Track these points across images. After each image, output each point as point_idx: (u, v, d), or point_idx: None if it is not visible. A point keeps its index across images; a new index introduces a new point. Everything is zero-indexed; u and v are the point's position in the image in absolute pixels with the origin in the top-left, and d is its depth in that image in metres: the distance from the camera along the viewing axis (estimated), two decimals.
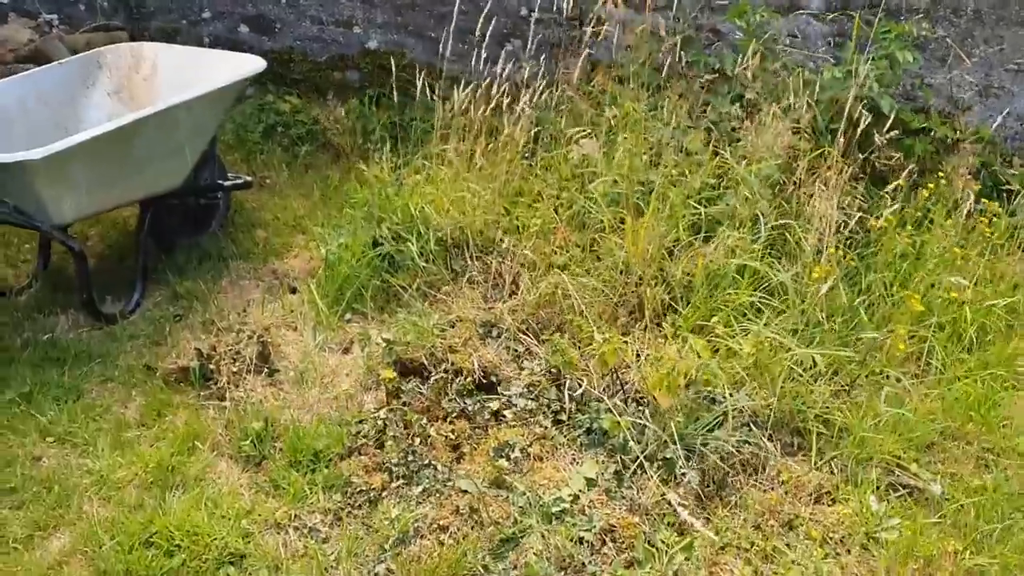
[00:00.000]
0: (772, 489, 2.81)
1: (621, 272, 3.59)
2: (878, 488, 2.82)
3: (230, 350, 3.48)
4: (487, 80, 4.31)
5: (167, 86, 4.28)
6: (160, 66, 4.35)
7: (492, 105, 4.23)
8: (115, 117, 4.24)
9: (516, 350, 3.50)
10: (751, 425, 2.92)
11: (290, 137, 5.45)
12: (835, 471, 2.88)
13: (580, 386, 3.06)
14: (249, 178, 4.52)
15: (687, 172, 3.86)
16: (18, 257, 4.30)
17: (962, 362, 3.31)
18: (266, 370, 3.47)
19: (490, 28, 4.43)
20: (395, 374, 3.19)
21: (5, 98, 3.90)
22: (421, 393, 3.21)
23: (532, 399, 3.10)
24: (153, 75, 4.33)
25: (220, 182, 4.34)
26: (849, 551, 2.60)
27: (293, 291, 4.10)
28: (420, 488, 2.74)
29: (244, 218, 4.70)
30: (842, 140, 3.58)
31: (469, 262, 3.94)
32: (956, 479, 2.87)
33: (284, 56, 5.75)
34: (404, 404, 3.14)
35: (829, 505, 2.77)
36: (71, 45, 5.68)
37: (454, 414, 3.09)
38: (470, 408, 3.10)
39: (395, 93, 4.92)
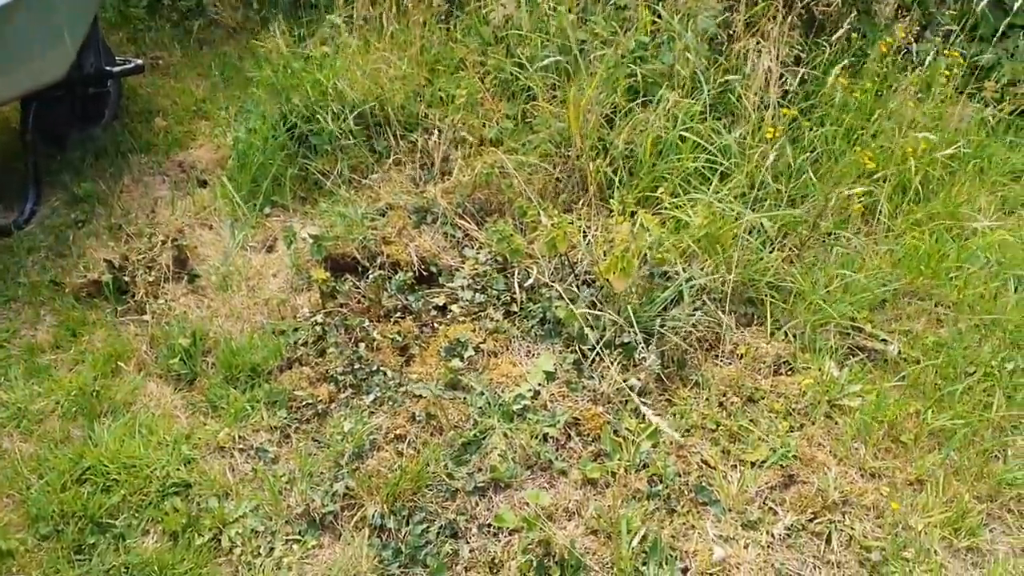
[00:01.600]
0: (731, 364, 2.72)
1: (559, 145, 3.36)
2: (836, 352, 2.76)
3: (143, 258, 3.17)
4: None
5: None
6: None
7: None
8: None
9: (455, 236, 3.28)
10: (704, 300, 2.79)
11: (179, 11, 4.94)
12: (791, 340, 2.80)
13: (529, 275, 2.87)
14: (140, 61, 4.06)
15: (618, 30, 3.58)
16: None
17: (908, 215, 3.23)
18: (185, 276, 3.18)
19: None
20: (327, 274, 2.95)
21: None
22: (358, 292, 2.99)
23: (479, 291, 2.91)
24: None
25: (108, 68, 3.89)
26: (813, 422, 2.55)
27: (203, 184, 3.76)
28: (371, 397, 2.56)
29: (139, 105, 4.26)
30: None
31: (393, 141, 3.65)
32: (912, 337, 2.82)
33: None
34: (341, 306, 2.92)
35: (789, 375, 2.70)
36: None
37: (397, 313, 2.89)
38: (413, 305, 2.90)
39: None
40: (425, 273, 3.10)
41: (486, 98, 3.63)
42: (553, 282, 2.86)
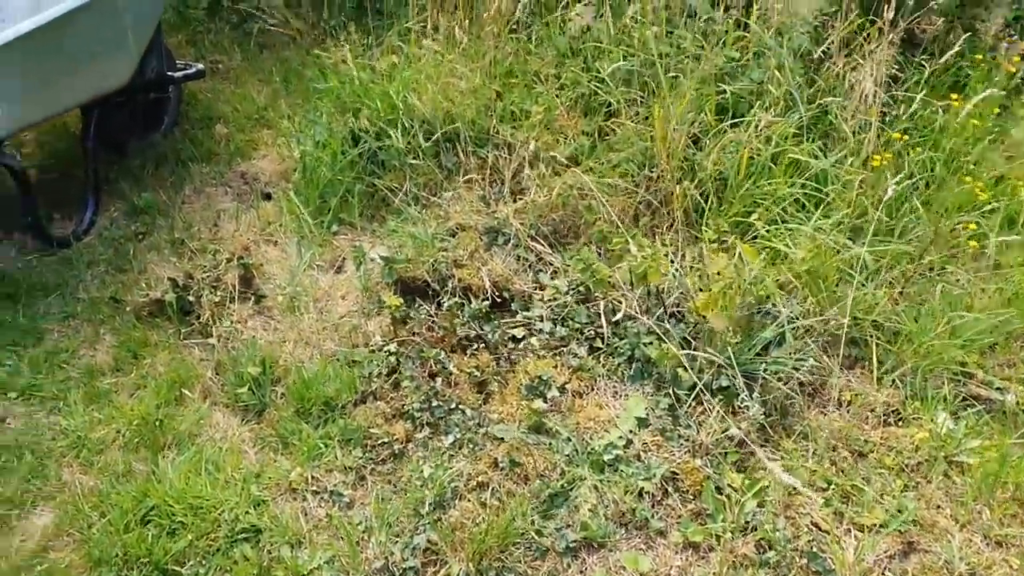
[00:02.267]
0: (837, 412, 2.50)
1: (642, 165, 3.15)
2: (948, 401, 2.53)
3: (208, 276, 3.01)
4: None
5: None
6: None
7: None
8: (43, 5, 3.59)
9: (528, 260, 3.09)
10: (807, 340, 2.58)
11: (239, 13, 4.78)
12: (900, 386, 2.57)
13: (617, 310, 2.66)
14: (200, 66, 3.92)
15: (704, 44, 3.37)
16: None
17: (1020, 249, 2.98)
18: (252, 297, 3.02)
19: None
20: (400, 300, 2.77)
21: None
22: (431, 319, 2.81)
23: (559, 323, 2.71)
24: None
25: (170, 73, 3.74)
26: (930, 480, 2.33)
27: (267, 197, 3.60)
28: (450, 439, 2.37)
29: (199, 112, 4.12)
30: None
31: (463, 157, 3.46)
32: None
33: None
34: (414, 334, 2.74)
35: (899, 427, 2.48)
36: None
37: (472, 343, 2.71)
38: (489, 335, 2.71)
39: None
40: (498, 299, 2.91)
41: (562, 113, 3.43)
42: (641, 315, 2.66)
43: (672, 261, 2.81)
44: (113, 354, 2.83)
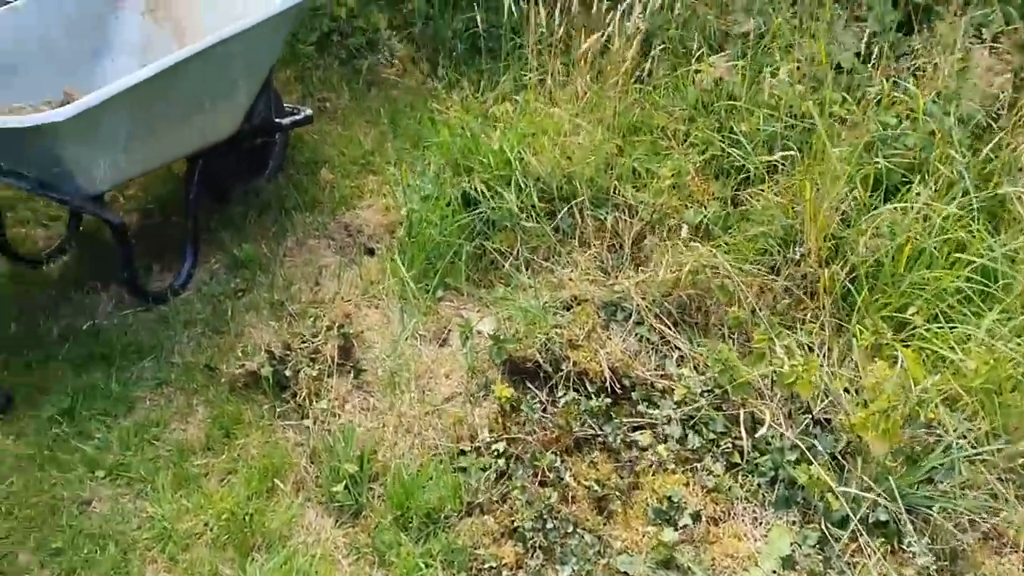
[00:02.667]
0: (1018, 558, 2.13)
1: (783, 242, 2.83)
2: None
3: (306, 347, 2.81)
4: None
5: (211, 5, 3.46)
6: None
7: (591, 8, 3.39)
8: (151, 43, 3.47)
9: (651, 341, 2.80)
10: (980, 468, 2.21)
11: (348, 48, 4.60)
12: None
13: (757, 418, 2.34)
14: (309, 111, 3.74)
15: (855, 107, 3.01)
16: (47, 212, 3.60)
17: None
18: (351, 369, 2.81)
19: None
20: (510, 391, 2.51)
21: (24, 29, 3.11)
22: (543, 411, 2.54)
23: (691, 427, 2.41)
24: None
25: (278, 120, 3.57)
26: None
27: (370, 253, 3.39)
28: (567, 571, 2.10)
29: (305, 155, 3.95)
30: None
31: (579, 219, 3.19)
32: None
33: None
34: (526, 430, 2.47)
35: None
36: None
37: (590, 444, 2.43)
38: (610, 437, 2.43)
39: None
40: (619, 388, 2.63)
41: (692, 176, 3.13)
42: (784, 425, 2.33)
43: (821, 364, 2.47)
44: (205, 430, 2.65)
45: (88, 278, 3.22)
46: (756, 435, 2.29)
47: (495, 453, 2.38)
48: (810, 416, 2.36)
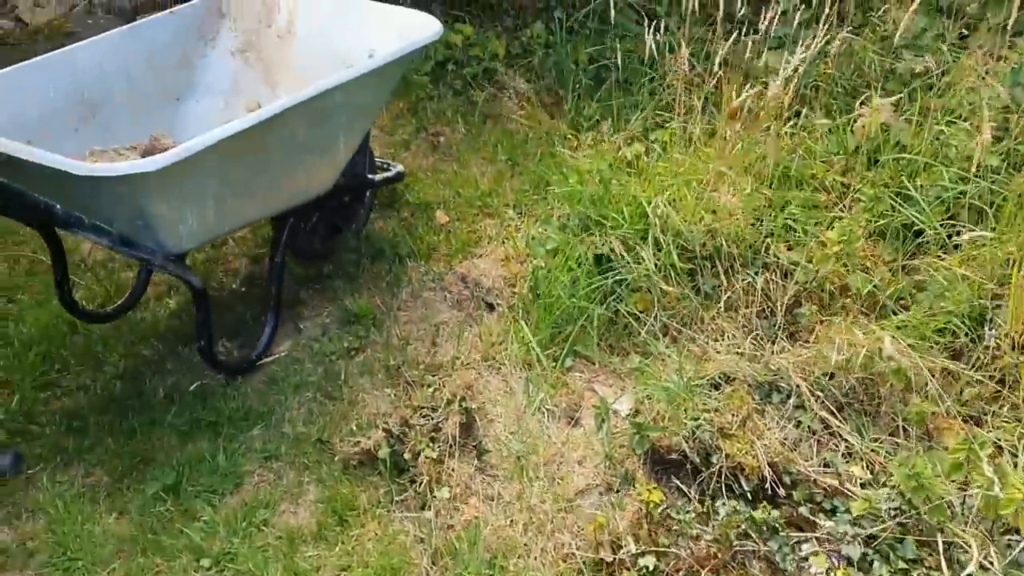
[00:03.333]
0: None
1: (967, 322, 2.44)
2: None
3: (426, 424, 2.55)
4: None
5: (307, 48, 3.23)
6: (298, 19, 3.28)
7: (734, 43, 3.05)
8: (240, 85, 3.25)
9: (811, 427, 2.45)
10: None
11: (463, 78, 4.36)
12: None
13: (957, 545, 1.97)
14: (401, 168, 3.45)
15: None
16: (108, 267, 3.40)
17: None
18: (473, 449, 2.54)
19: None
20: (660, 495, 2.20)
21: (108, 64, 2.92)
22: (696, 519, 2.22)
23: (876, 553, 2.04)
24: (289, 31, 3.27)
25: (370, 176, 3.31)
26: None
27: (490, 308, 3.12)
28: None
29: (419, 194, 3.70)
30: None
31: (725, 280, 2.85)
32: None
33: None
34: (678, 542, 2.15)
35: None
36: None
37: (749, 561, 2.09)
38: (778, 556, 2.09)
39: (593, 18, 3.76)
40: (779, 488, 2.28)
41: (862, 245, 2.75)
42: (992, 558, 1.95)
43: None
44: (317, 516, 2.42)
45: (192, 328, 3.03)
46: (963, 574, 1.91)
47: (643, 571, 2.07)
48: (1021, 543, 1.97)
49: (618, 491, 2.35)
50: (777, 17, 2.97)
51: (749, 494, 2.27)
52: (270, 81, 3.28)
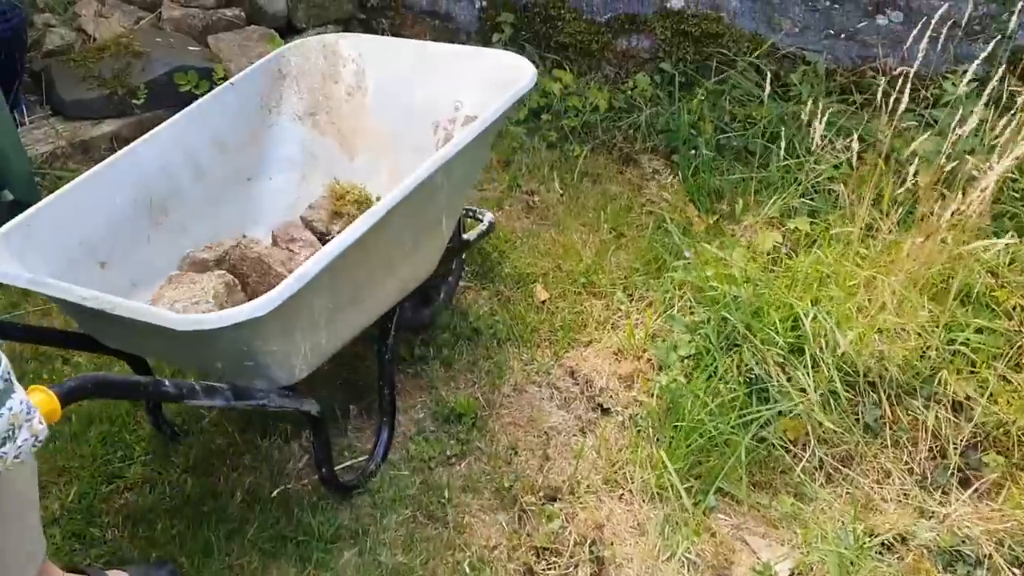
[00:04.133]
0: None
1: None
2: None
3: (552, 570, 2.17)
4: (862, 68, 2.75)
5: (383, 104, 2.83)
6: (368, 71, 2.89)
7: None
8: (315, 156, 2.87)
9: None
10: None
11: (560, 130, 3.99)
12: None
13: None
14: (491, 217, 3.08)
15: None
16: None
17: None
18: None
19: None
20: None
21: (173, 157, 2.53)
22: None
23: None
24: (359, 87, 2.89)
25: (465, 238, 2.94)
26: None
27: (604, 411, 2.74)
28: None
29: (515, 265, 3.33)
30: None
31: (888, 411, 2.48)
32: None
33: (551, 11, 4.21)
34: None
35: None
36: None
37: None
38: None
39: (708, 75, 3.40)
40: None
41: None
42: None
43: None
44: None
45: (273, 420, 2.66)
46: None
47: None
48: None
49: None
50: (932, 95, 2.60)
51: None
52: (347, 146, 2.90)
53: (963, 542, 2.18)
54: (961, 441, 2.40)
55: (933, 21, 2.73)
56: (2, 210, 2.39)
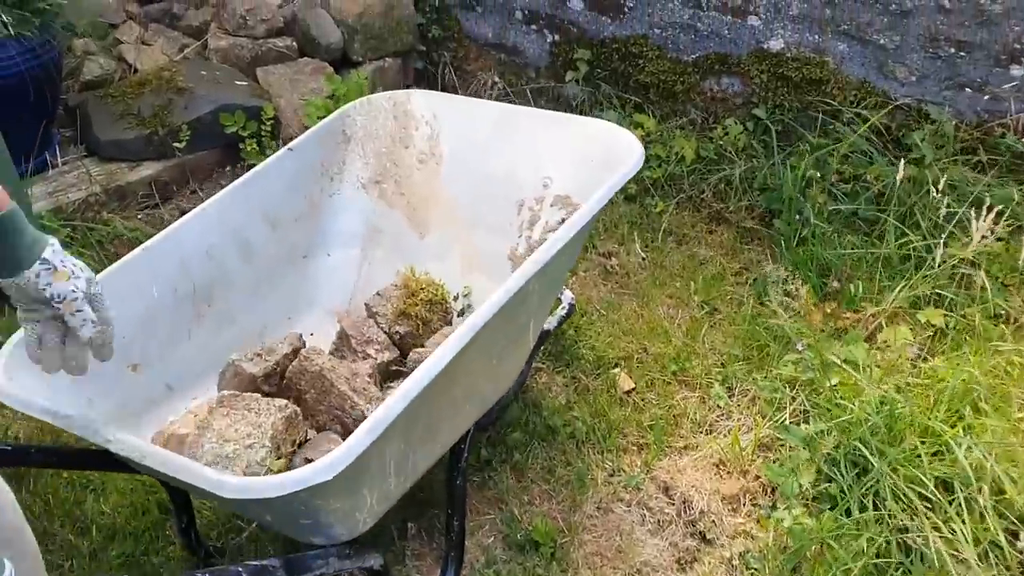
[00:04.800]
0: None
1: None
2: None
3: None
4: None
5: (459, 174, 2.45)
6: (444, 136, 2.49)
7: None
8: (378, 229, 2.49)
9: None
10: None
11: (639, 182, 3.57)
12: None
13: None
14: (572, 297, 2.69)
15: None
16: None
17: None
18: None
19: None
20: None
21: (217, 238, 2.16)
22: None
23: None
24: (433, 153, 2.49)
25: (544, 328, 2.54)
26: None
27: (706, 541, 2.33)
28: None
29: (591, 342, 2.93)
30: None
31: None
32: None
33: (631, 48, 3.79)
34: None
35: None
36: (339, 11, 3.96)
37: None
38: None
39: (812, 127, 2.98)
40: None
41: None
42: None
43: None
44: None
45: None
46: None
47: None
48: None
49: None
50: None
51: None
52: (416, 221, 2.51)
53: None
54: None
55: None
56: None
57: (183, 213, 3.52)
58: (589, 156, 2.29)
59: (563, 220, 2.26)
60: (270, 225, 2.33)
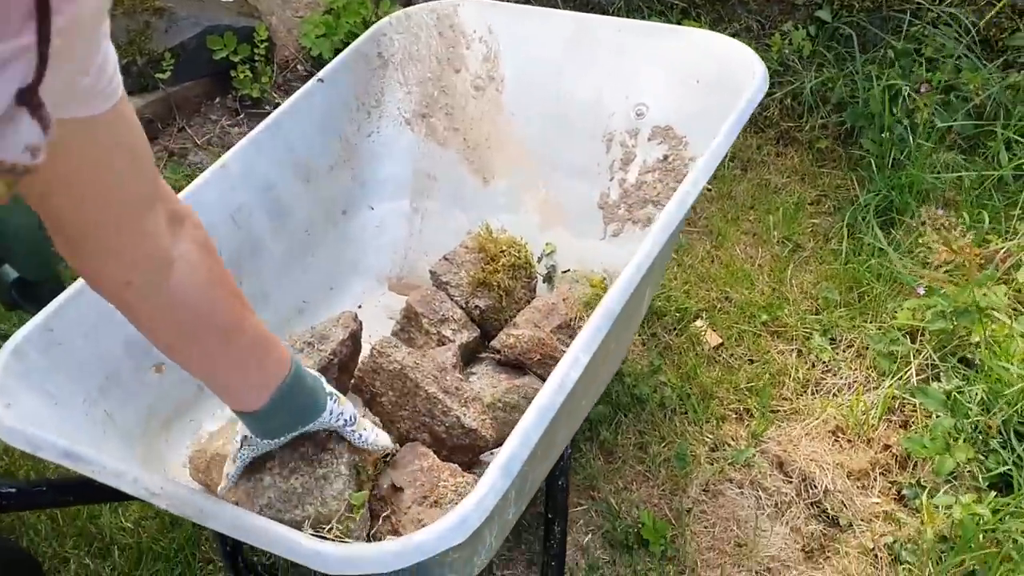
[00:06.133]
0: None
1: None
2: None
3: None
4: None
5: (526, 103, 1.99)
6: (503, 56, 2.01)
7: None
8: (433, 171, 2.06)
9: None
10: None
11: None
12: None
13: None
14: None
15: None
16: None
17: None
18: None
19: None
20: None
21: (241, 198, 1.76)
22: None
23: None
24: (491, 79, 2.02)
25: None
26: None
27: (836, 525, 1.99)
28: None
29: (668, 291, 2.53)
30: None
31: None
32: None
33: None
34: None
35: None
36: None
37: None
38: None
39: (885, 27, 2.58)
40: None
41: None
42: None
43: None
44: None
45: None
46: None
47: None
48: None
49: None
50: None
51: None
52: (477, 164, 2.05)
53: None
54: None
55: None
56: (2, 293, 1.59)
57: (171, 155, 3.06)
58: (693, 76, 1.85)
59: (665, 157, 1.84)
60: (302, 178, 1.88)
